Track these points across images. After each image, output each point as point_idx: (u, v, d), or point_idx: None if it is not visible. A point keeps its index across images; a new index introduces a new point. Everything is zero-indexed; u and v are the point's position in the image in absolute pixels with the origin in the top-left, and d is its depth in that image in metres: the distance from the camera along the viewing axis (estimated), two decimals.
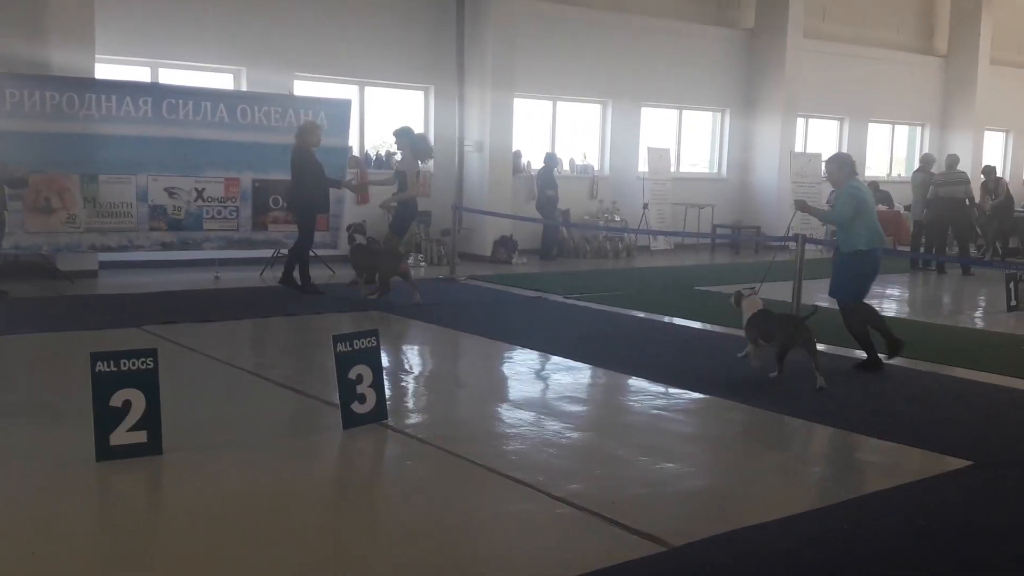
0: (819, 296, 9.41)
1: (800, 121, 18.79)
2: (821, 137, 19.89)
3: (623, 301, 10.35)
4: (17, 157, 9.88)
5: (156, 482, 4.55)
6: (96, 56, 10.84)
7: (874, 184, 19.07)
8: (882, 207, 18.43)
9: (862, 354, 7.44)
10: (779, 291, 9.25)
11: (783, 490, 4.72)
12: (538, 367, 7.34)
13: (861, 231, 7.27)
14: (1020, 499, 4.63)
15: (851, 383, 6.91)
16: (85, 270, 10.81)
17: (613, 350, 7.75)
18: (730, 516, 4.21)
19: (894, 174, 21.24)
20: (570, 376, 6.93)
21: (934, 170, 15.67)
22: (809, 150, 18.73)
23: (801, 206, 8.09)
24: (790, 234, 12.10)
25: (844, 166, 7.66)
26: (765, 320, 6.98)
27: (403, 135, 10.61)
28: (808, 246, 9.52)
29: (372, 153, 14.13)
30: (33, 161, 10.04)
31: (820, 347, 7.12)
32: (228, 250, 11.57)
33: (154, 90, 11.15)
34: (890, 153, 21.49)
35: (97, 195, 10.50)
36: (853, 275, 7.41)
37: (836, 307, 7.64)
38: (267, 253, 11.77)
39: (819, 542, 3.97)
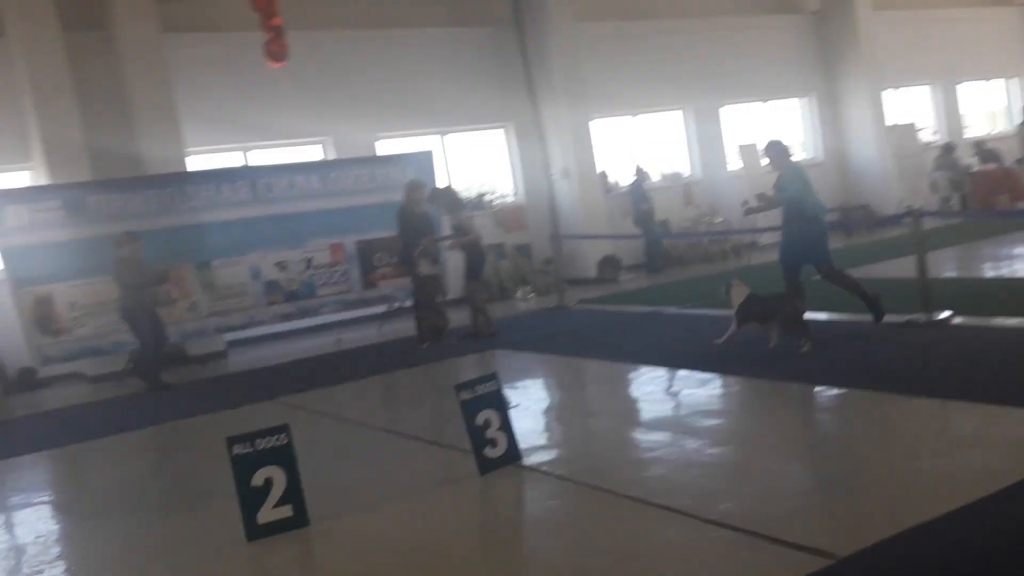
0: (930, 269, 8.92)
1: (889, 93, 18.13)
2: (913, 105, 19.17)
3: None
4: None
5: (308, 554, 4.60)
6: (189, 147, 11.29)
7: (980, 143, 18.28)
8: (991, 165, 17.61)
9: None
10: (901, 267, 8.86)
11: (947, 480, 4.43)
12: (666, 384, 7.20)
13: (813, 201, 8.17)
14: None
15: (997, 352, 6.53)
16: (214, 352, 11.22)
17: (740, 354, 7.54)
18: (896, 516, 3.97)
19: (996, 131, 20.28)
20: (700, 388, 6.76)
21: None
22: (905, 121, 18.06)
23: (759, 204, 9.01)
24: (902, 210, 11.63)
25: (782, 151, 8.45)
26: (759, 302, 7.74)
27: (434, 199, 10.54)
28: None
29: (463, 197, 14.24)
30: (147, 257, 10.47)
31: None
32: (344, 312, 11.84)
33: (247, 172, 11.56)
34: (988, 110, 20.53)
35: (213, 280, 10.89)
36: (823, 239, 8.25)
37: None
38: (380, 308, 11.98)
39: (998, 533, 3.70)
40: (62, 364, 10.43)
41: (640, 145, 15.93)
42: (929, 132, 19.09)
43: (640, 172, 14.93)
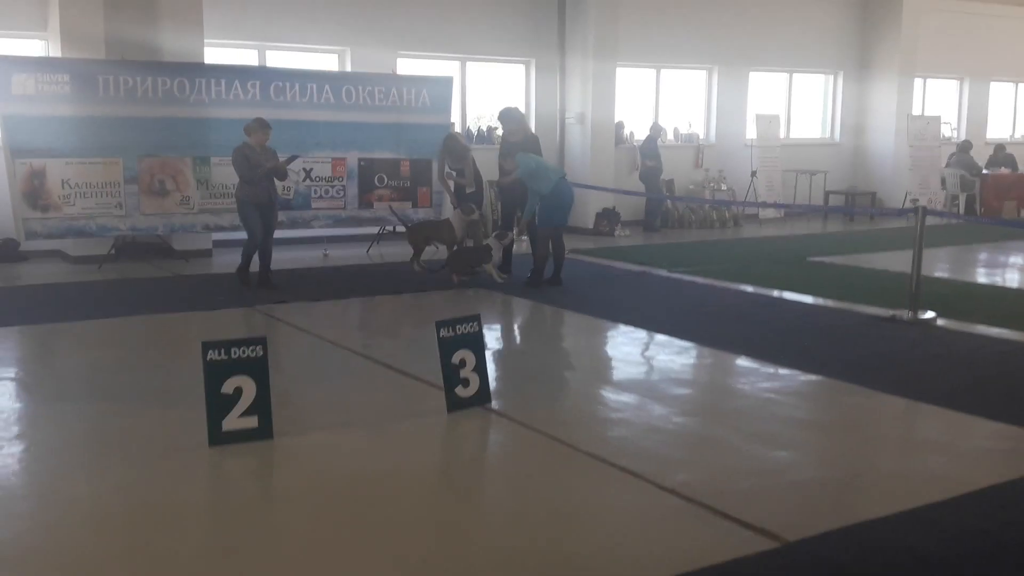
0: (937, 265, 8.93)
1: (917, 82, 17.90)
2: (939, 98, 18.95)
3: (731, 274, 10.08)
4: (132, 141, 10.26)
5: (267, 467, 4.64)
6: (205, 40, 11.09)
7: (1000, 146, 18.13)
8: (1005, 170, 17.50)
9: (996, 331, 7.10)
10: (895, 260, 8.84)
11: (905, 480, 4.47)
12: (643, 347, 7.21)
13: (547, 177, 9.17)
14: None
15: (975, 361, 6.56)
16: (199, 249, 11.16)
17: (721, 327, 7.56)
18: (849, 509, 4.03)
19: (1018, 135, 20.11)
20: (676, 356, 6.77)
21: None
22: (927, 112, 17.87)
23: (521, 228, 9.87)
24: (907, 203, 11.57)
25: (520, 121, 10.26)
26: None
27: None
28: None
29: (473, 129, 14.10)
30: (147, 145, 10.39)
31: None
32: (336, 228, 11.78)
33: (262, 73, 11.36)
34: (1013, 113, 20.33)
35: (209, 177, 10.78)
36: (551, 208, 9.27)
37: None
38: (373, 230, 11.94)
39: (946, 538, 3.75)
40: (46, 240, 10.36)
41: (660, 101, 15.73)
42: (950, 128, 18.92)
43: (655, 128, 14.77)
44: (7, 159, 9.81)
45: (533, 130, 11.55)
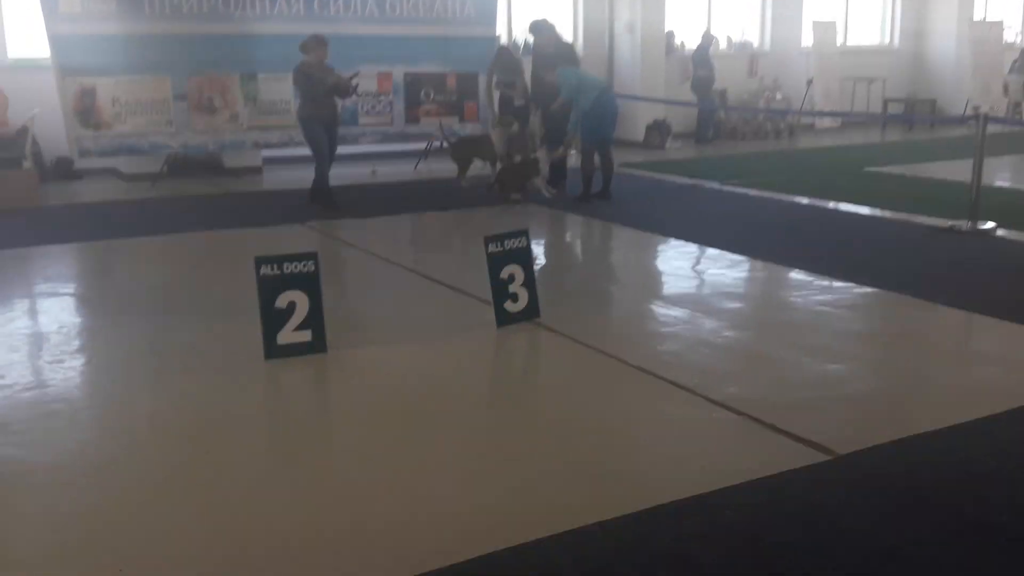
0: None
1: None
2: (1002, 2, 18.10)
3: (785, 186, 9.89)
4: (179, 58, 10.25)
5: (321, 379, 4.73)
6: None
7: None
8: None
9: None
10: (955, 170, 8.61)
11: (959, 393, 4.42)
12: (693, 261, 7.14)
13: (587, 91, 9.03)
14: None
15: None
16: (250, 166, 11.22)
17: (774, 240, 7.45)
18: (901, 422, 3.99)
19: None
20: (727, 270, 6.71)
21: None
22: (989, 17, 17.12)
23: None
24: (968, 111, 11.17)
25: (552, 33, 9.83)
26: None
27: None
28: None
29: (520, 42, 13.82)
30: (194, 62, 10.37)
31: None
32: (383, 144, 11.74)
33: None
34: None
35: (257, 94, 10.76)
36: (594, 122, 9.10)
37: None
38: (420, 146, 11.87)
39: (998, 451, 3.71)
40: (98, 158, 10.49)
41: (712, 8, 15.26)
42: (1013, 32, 18.12)
43: (707, 36, 14.36)
44: (58, 78, 9.88)
45: (572, 40, 11.34)
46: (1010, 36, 17.73)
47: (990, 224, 7.65)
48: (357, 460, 3.70)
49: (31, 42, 10.51)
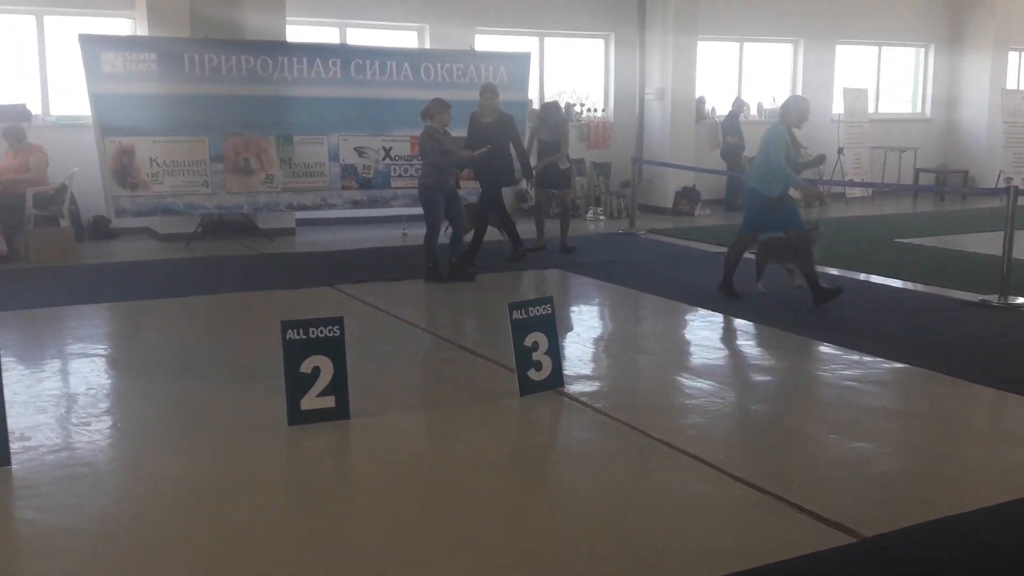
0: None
1: (1012, 55, 17.14)
2: None
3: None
4: (217, 120, 10.49)
5: (344, 447, 4.72)
6: (287, 18, 11.25)
7: None
8: None
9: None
10: (987, 243, 8.52)
11: (989, 474, 4.33)
12: (720, 332, 7.11)
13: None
14: None
15: None
16: (283, 228, 11.39)
17: (803, 312, 7.40)
18: (929, 503, 3.91)
19: None
20: (755, 342, 6.67)
21: None
22: (1022, 87, 17.12)
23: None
24: (1001, 182, 11.12)
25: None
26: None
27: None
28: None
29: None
30: (231, 124, 10.60)
31: None
32: (415, 207, 11.83)
33: (342, 51, 11.46)
34: None
35: (292, 156, 10.97)
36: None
37: None
38: None
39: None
40: (134, 218, 10.70)
41: (743, 75, 15.40)
42: None
43: (737, 103, 14.48)
44: (97, 137, 10.13)
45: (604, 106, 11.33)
46: None
47: (1022, 299, 7.56)
48: (377, 533, 3.68)
49: (73, 100, 10.80)
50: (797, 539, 3.58)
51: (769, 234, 8.01)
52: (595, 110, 14.24)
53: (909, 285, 8.57)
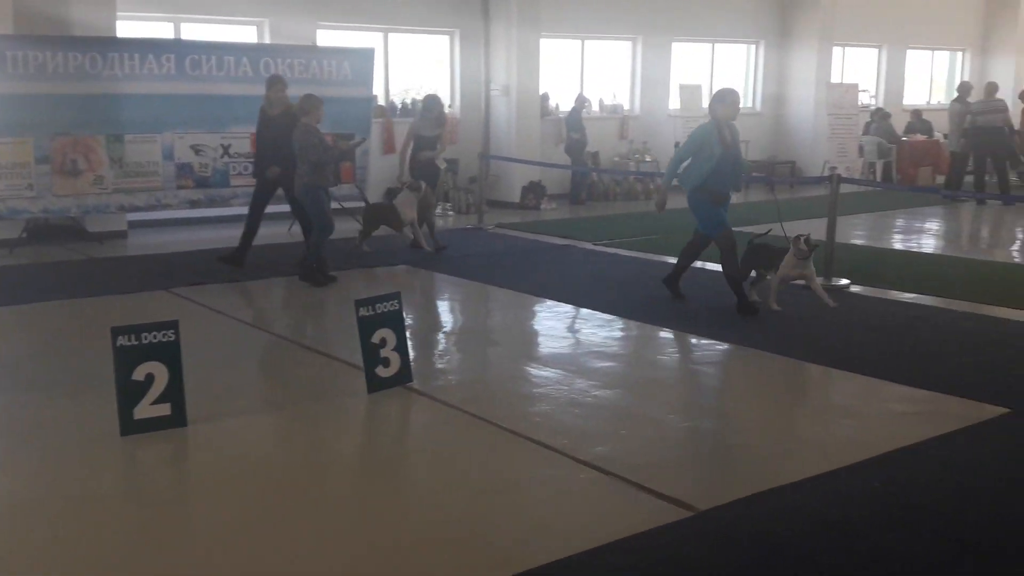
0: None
1: (836, 50, 18.20)
2: (858, 66, 19.31)
3: (654, 246, 10.19)
4: (43, 119, 9.89)
5: (181, 455, 4.56)
6: (117, 13, 10.74)
7: (916, 113, 18.59)
8: (921, 136, 17.97)
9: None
10: (813, 228, 8.95)
11: (816, 446, 4.60)
12: (567, 322, 7.25)
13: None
14: None
15: (887, 326, 6.74)
16: (114, 231, 10.85)
17: (644, 300, 7.63)
18: (760, 476, 4.12)
19: (934, 101, 20.62)
20: (600, 330, 6.83)
21: (971, 99, 15.13)
22: (846, 80, 18.20)
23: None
24: (825, 171, 11.80)
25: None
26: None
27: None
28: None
29: (397, 102, 13.94)
30: (58, 124, 10.03)
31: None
32: None
33: (177, 46, 11.02)
34: (930, 80, 20.84)
35: (123, 155, 10.47)
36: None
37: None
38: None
39: (851, 502, 3.87)
40: None
41: (585, 72, 15.74)
42: (868, 95, 19.31)
43: (579, 99, 14.79)
44: None
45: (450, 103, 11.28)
46: (865, 99, 18.88)
47: (844, 281, 8.05)
48: (218, 539, 3.57)
49: None
50: (638, 517, 3.71)
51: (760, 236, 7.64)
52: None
53: None
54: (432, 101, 10.36)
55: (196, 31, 12.10)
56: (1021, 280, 8.53)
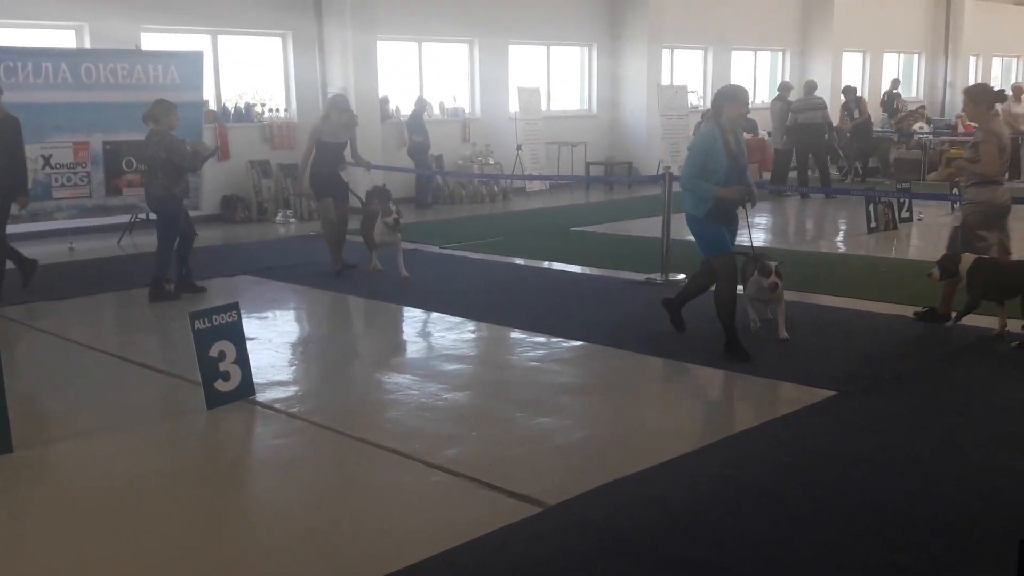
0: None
1: (666, 53, 18.89)
2: (687, 68, 20.10)
3: (501, 248, 10.28)
4: None
5: (9, 484, 4.26)
6: None
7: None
8: (748, 135, 18.89)
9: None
10: (650, 227, 9.33)
11: (659, 436, 4.77)
12: (414, 325, 7.22)
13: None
14: (884, 427, 4.79)
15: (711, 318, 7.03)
16: None
17: (492, 302, 7.69)
18: (607, 467, 4.22)
19: (758, 101, 21.69)
20: (448, 333, 6.83)
21: (792, 97, 16.00)
22: (676, 82, 18.90)
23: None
24: (660, 171, 12.22)
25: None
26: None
27: None
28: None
29: (230, 107, 13.52)
30: None
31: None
32: (81, 218, 10.99)
33: None
34: (753, 80, 21.91)
35: None
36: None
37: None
38: (124, 219, 11.23)
39: (692, 485, 4.02)
40: None
41: (425, 75, 15.71)
42: (696, 96, 20.11)
43: (420, 102, 14.75)
44: None
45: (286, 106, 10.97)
46: (694, 100, 19.66)
47: (681, 275, 8.35)
48: (47, 569, 3.36)
49: None
50: (489, 516, 3.73)
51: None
52: (277, 111, 13.93)
53: (585, 270, 9.18)
54: (340, 102, 9.21)
55: (9, 36, 11.36)
56: (846, 269, 9.08)
